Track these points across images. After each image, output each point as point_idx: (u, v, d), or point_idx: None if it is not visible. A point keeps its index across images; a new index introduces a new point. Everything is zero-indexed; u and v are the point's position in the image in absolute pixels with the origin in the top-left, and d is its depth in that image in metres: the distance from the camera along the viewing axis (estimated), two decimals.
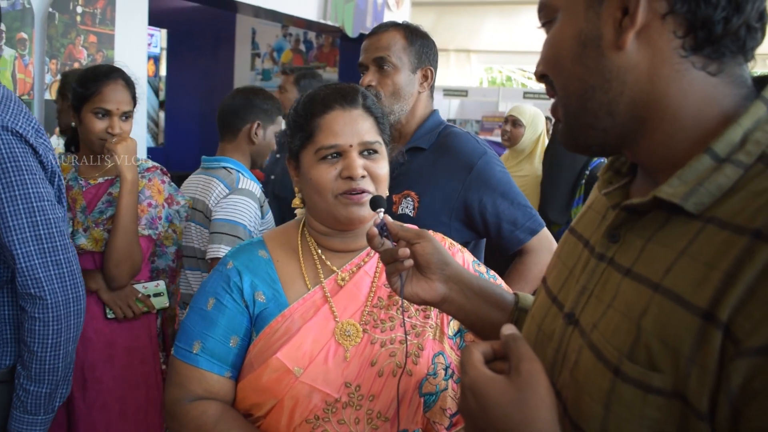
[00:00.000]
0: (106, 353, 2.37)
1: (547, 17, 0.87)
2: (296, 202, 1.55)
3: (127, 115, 2.44)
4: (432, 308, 1.45)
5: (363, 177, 1.39)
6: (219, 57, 9.06)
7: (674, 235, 0.74)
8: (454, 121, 13.04)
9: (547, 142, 5.50)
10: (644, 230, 0.79)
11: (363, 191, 1.39)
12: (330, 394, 1.35)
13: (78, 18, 3.90)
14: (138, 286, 2.45)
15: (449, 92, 13.94)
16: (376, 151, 1.43)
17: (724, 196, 0.72)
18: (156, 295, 2.50)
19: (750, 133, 0.73)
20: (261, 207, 2.66)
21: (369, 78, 2.21)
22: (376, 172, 1.41)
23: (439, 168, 2.14)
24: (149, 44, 8.47)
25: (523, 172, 5.15)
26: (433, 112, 2.36)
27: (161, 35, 9.38)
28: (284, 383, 1.35)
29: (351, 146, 1.40)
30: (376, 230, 1.20)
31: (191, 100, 8.85)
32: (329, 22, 6.85)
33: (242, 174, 2.72)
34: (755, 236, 0.66)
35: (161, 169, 2.58)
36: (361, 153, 1.41)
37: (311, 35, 8.60)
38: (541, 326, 0.93)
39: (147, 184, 2.47)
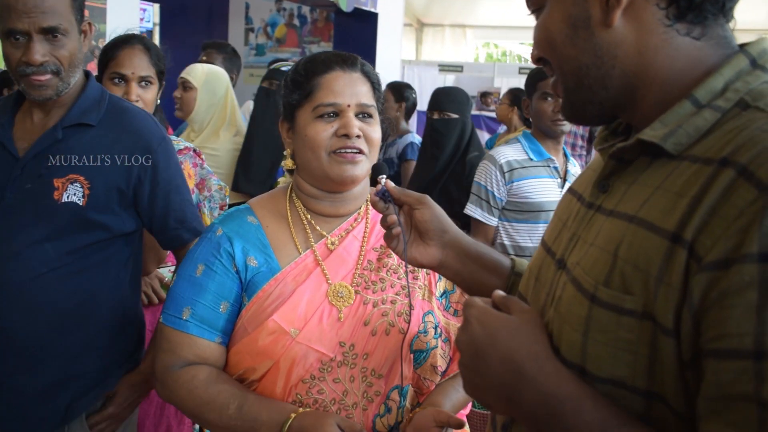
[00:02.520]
0: None
1: (536, 5, 0.93)
2: (288, 163, 1.56)
3: (148, 81, 2.34)
4: (420, 269, 1.49)
5: (358, 137, 1.42)
6: (212, 32, 8.99)
7: (654, 175, 0.80)
8: None
9: None
10: (630, 176, 0.85)
11: (358, 150, 1.42)
12: (325, 354, 1.39)
13: None
14: (163, 270, 2.39)
15: (444, 68, 13.87)
16: (371, 115, 1.47)
17: (701, 137, 0.78)
18: None
19: (731, 83, 0.79)
20: None
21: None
22: (370, 135, 1.45)
23: (113, 148, 1.81)
24: (141, 19, 8.39)
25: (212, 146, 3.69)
26: (89, 77, 1.91)
27: (154, 10, 9.29)
28: (281, 345, 1.38)
29: (349, 106, 1.43)
30: (377, 197, 1.23)
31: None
32: None
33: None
34: (720, 163, 0.72)
35: (194, 150, 2.50)
36: (357, 115, 1.44)
37: (305, 10, 8.54)
38: (537, 276, 0.99)
39: None
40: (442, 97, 3.84)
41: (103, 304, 1.82)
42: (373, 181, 1.35)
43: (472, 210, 3.01)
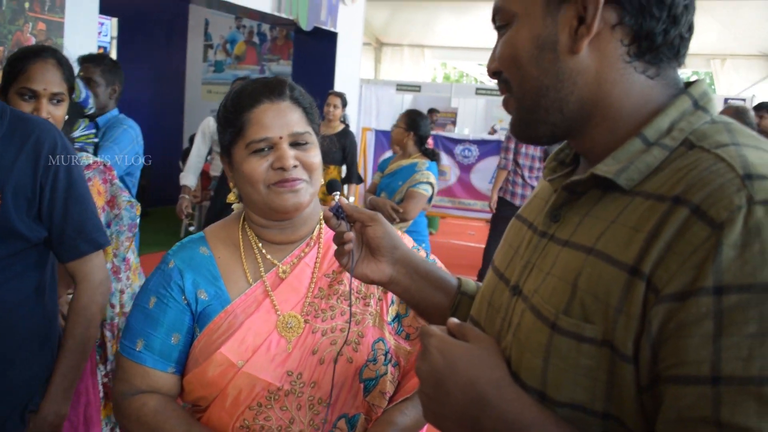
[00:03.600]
0: None
1: (503, 21, 0.94)
2: (231, 197, 1.56)
3: (59, 99, 2.15)
4: (371, 296, 1.49)
5: (295, 167, 1.41)
6: (171, 47, 8.97)
7: (608, 208, 0.84)
8: None
9: None
10: (581, 208, 0.89)
11: (296, 179, 1.41)
12: (272, 383, 1.39)
13: (26, 4, 3.84)
14: (70, 296, 2.19)
15: (402, 87, 14.00)
16: (306, 142, 1.44)
17: (651, 173, 0.82)
18: None
19: (676, 123, 0.84)
20: None
21: None
22: (308, 161, 1.43)
23: (18, 159, 1.80)
24: (99, 33, 8.32)
25: None
26: None
27: (112, 24, 9.22)
28: (228, 375, 1.40)
29: (281, 138, 1.41)
30: (330, 213, 1.22)
31: (142, 91, 8.74)
32: (284, 15, 6.84)
33: None
34: (674, 201, 0.75)
35: (104, 165, 2.33)
36: (291, 144, 1.43)
37: (265, 27, 8.57)
38: (490, 301, 1.01)
39: None
40: None
41: (24, 316, 1.78)
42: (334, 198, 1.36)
43: None
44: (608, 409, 0.78)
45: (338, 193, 1.30)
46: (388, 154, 9.78)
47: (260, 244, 1.51)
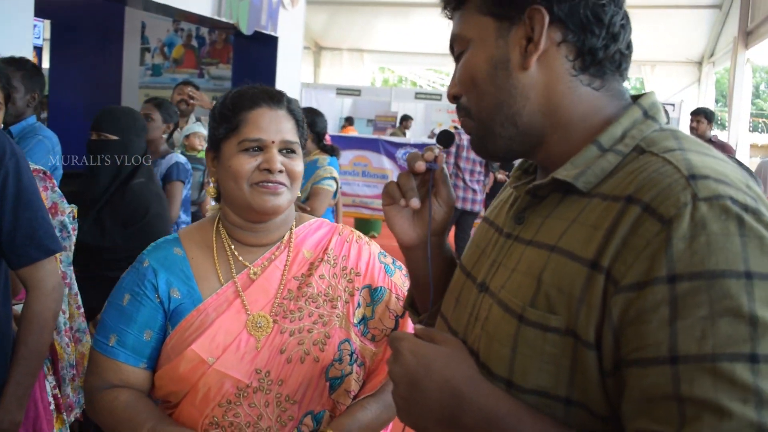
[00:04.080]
0: None
1: (460, 48, 1.03)
2: (210, 191, 1.62)
3: None
4: (338, 299, 1.55)
5: (280, 171, 1.49)
6: (106, 50, 8.77)
7: (568, 210, 0.92)
8: (350, 119, 13.15)
9: None
10: (544, 210, 0.96)
11: (279, 183, 1.49)
12: (241, 380, 1.45)
13: None
14: (18, 307, 2.15)
15: (342, 91, 14.04)
16: (294, 151, 1.53)
17: (606, 177, 0.90)
18: None
19: (628, 131, 0.93)
20: None
21: None
22: (292, 169, 1.51)
23: None
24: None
25: None
26: None
27: (44, 26, 8.99)
28: (199, 372, 1.45)
29: (273, 142, 1.49)
30: (423, 166, 1.13)
31: (76, 94, 8.51)
32: (224, 19, 6.79)
33: None
34: (627, 201, 0.84)
35: (44, 173, 2.31)
36: (280, 150, 1.50)
37: (204, 31, 8.49)
38: (458, 298, 1.07)
39: None
40: (103, 117, 3.29)
41: None
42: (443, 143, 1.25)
43: None
44: (571, 394, 0.85)
45: (439, 148, 1.17)
46: None
47: (233, 246, 1.57)
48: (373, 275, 1.60)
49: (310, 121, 4.35)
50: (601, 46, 0.94)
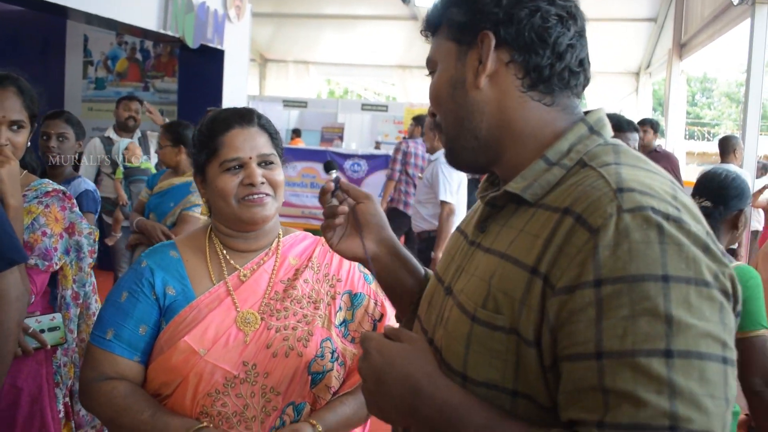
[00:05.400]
0: None
1: (431, 69, 1.13)
2: (203, 210, 1.76)
3: (19, 125, 2.21)
4: (321, 301, 1.68)
5: (262, 183, 1.62)
6: (48, 64, 8.64)
7: (519, 219, 1.01)
8: (298, 131, 13.16)
9: None
10: (501, 219, 1.06)
11: (264, 194, 1.62)
12: (229, 371, 1.56)
13: None
14: (30, 320, 2.24)
15: (289, 103, 14.03)
16: (272, 162, 1.66)
17: (552, 189, 0.99)
18: (51, 329, 2.29)
19: (574, 145, 1.01)
20: None
21: None
22: (273, 179, 1.64)
23: None
24: None
25: None
26: None
27: None
28: (190, 362, 1.55)
29: (251, 158, 1.62)
30: (332, 185, 1.32)
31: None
32: (169, 33, 6.76)
33: None
34: (564, 212, 0.92)
35: (63, 193, 2.35)
36: (259, 164, 1.63)
37: (148, 44, 8.42)
38: (430, 301, 1.17)
39: (43, 210, 2.26)
40: None
41: None
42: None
43: None
44: (517, 387, 0.94)
45: (335, 171, 1.38)
46: None
47: (225, 251, 1.70)
48: (353, 282, 1.73)
49: (179, 137, 4.03)
50: (547, 64, 1.02)
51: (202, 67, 7.84)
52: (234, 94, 8.05)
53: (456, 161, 1.14)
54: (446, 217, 5.00)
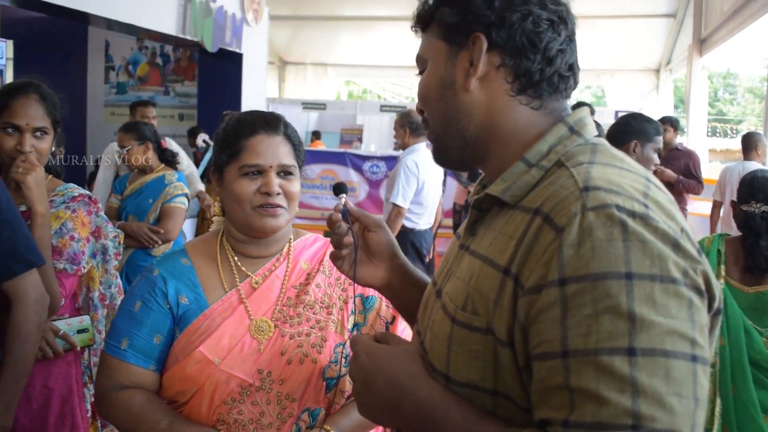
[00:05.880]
0: (21, 394, 2.11)
1: (421, 67, 1.13)
2: (216, 210, 1.75)
3: (43, 131, 2.24)
4: (333, 306, 1.68)
5: (278, 194, 1.61)
6: (70, 69, 8.76)
7: (500, 221, 1.01)
8: (317, 133, 13.22)
9: None
10: (487, 222, 1.06)
11: (278, 206, 1.61)
12: (245, 380, 1.56)
13: None
14: (60, 323, 2.31)
15: (308, 105, 14.09)
16: (291, 173, 1.65)
17: (530, 190, 0.99)
18: (80, 331, 2.36)
19: (554, 146, 1.01)
20: None
21: None
22: (290, 190, 1.63)
23: None
24: None
25: None
26: None
27: (7, 46, 8.93)
28: (206, 372, 1.55)
29: (271, 167, 1.61)
30: (339, 216, 1.32)
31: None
32: (188, 37, 6.83)
33: None
34: (535, 213, 0.92)
35: (89, 198, 2.40)
36: (278, 173, 1.62)
37: (168, 49, 8.51)
38: (425, 305, 1.17)
39: (70, 215, 2.31)
40: None
41: None
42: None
43: None
44: (496, 386, 0.94)
45: (344, 195, 1.36)
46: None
47: (236, 258, 1.70)
48: None
49: (143, 134, 4.00)
50: (537, 69, 1.02)
51: (221, 70, 7.90)
52: (253, 97, 8.11)
53: (442, 159, 1.15)
54: (393, 218, 5.14)
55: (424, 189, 5.22)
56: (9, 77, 8.99)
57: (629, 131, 3.30)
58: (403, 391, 1.00)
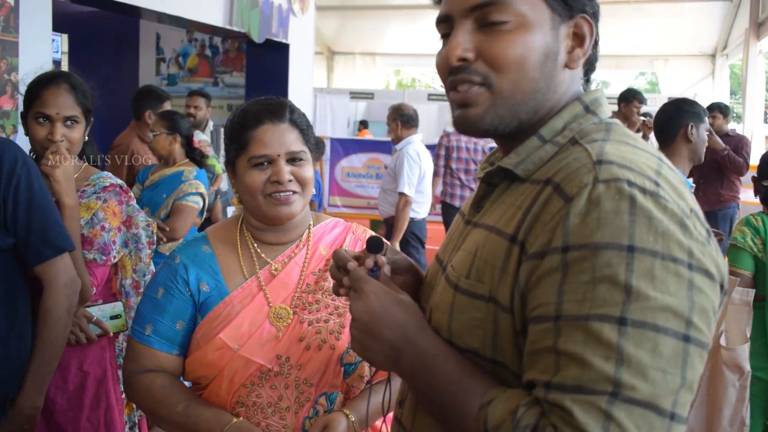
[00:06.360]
0: (58, 377, 2.26)
1: (502, 17, 0.98)
2: (234, 201, 1.79)
3: (73, 120, 2.28)
4: None
5: (290, 181, 1.63)
6: (123, 62, 8.95)
7: (511, 195, 1.02)
8: (365, 122, 13.26)
9: None
10: (496, 196, 1.07)
11: (290, 192, 1.63)
12: (264, 365, 1.60)
13: None
14: (93, 309, 2.37)
15: (356, 95, 14.14)
16: (301, 159, 1.66)
17: (543, 165, 1.00)
18: (113, 317, 2.43)
19: (569, 124, 1.02)
20: None
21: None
22: (301, 176, 1.65)
23: None
24: None
25: None
26: None
27: (62, 40, 9.16)
28: (226, 357, 1.61)
29: (279, 155, 1.63)
30: (355, 264, 1.14)
31: (95, 105, 8.69)
32: (235, 28, 6.91)
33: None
34: (545, 183, 0.94)
35: (120, 187, 2.43)
36: (287, 161, 1.64)
37: (217, 40, 8.62)
38: (429, 282, 1.19)
39: (101, 206, 2.34)
40: None
41: None
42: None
43: None
44: (495, 355, 0.97)
45: (381, 255, 1.15)
46: (344, 161, 9.92)
47: (255, 245, 1.73)
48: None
49: (174, 124, 3.92)
50: (595, 58, 1.07)
51: (268, 61, 7.98)
52: (299, 87, 8.17)
53: (476, 123, 1.03)
54: (402, 207, 5.22)
55: (425, 178, 5.39)
56: (65, 70, 9.23)
57: (683, 114, 3.31)
58: (408, 340, 1.01)
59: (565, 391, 0.82)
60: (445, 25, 1.07)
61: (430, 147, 9.14)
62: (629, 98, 6.28)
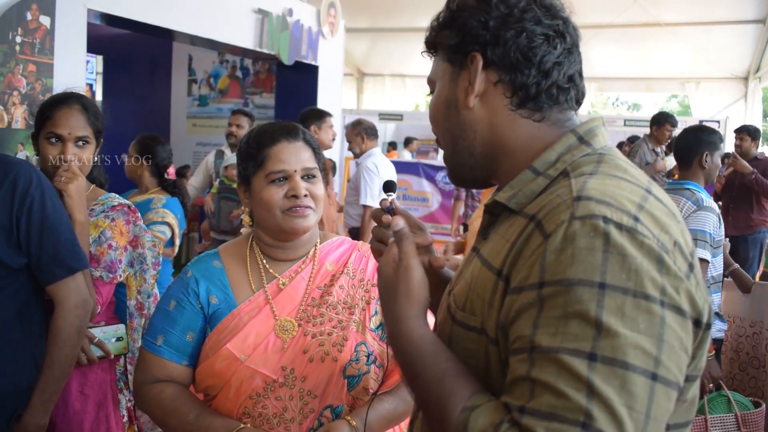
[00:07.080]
0: (59, 399, 2.20)
1: (432, 88, 1.18)
2: (246, 220, 1.85)
3: (85, 141, 2.31)
4: (356, 306, 1.74)
5: (305, 196, 1.70)
6: (155, 82, 9.12)
7: (506, 226, 1.05)
8: (394, 144, 13.30)
9: None
10: (496, 227, 1.10)
11: (306, 207, 1.70)
12: (269, 376, 1.65)
13: (17, 47, 3.99)
14: (96, 330, 2.36)
15: (385, 116, 14.19)
16: (314, 176, 1.74)
17: (535, 198, 1.02)
18: (117, 339, 2.41)
19: (562, 155, 1.04)
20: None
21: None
22: (315, 193, 1.73)
23: None
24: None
25: None
26: None
27: (97, 61, 9.38)
28: (232, 368, 1.66)
29: (295, 171, 1.71)
30: (387, 203, 1.30)
31: (127, 125, 8.85)
32: (265, 50, 7.02)
33: (702, 194, 3.36)
34: (530, 219, 0.97)
35: (128, 207, 2.46)
36: (302, 177, 1.71)
37: (248, 62, 8.75)
38: (442, 303, 1.21)
39: (109, 224, 2.37)
40: None
41: (9, 336, 1.94)
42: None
43: (702, 253, 3.27)
44: (487, 385, 0.98)
45: (393, 194, 1.36)
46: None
47: (264, 261, 1.78)
48: None
49: (146, 149, 3.84)
50: (533, 83, 1.05)
51: (297, 82, 8.08)
52: (328, 109, 8.18)
53: (457, 178, 1.18)
54: (367, 219, 5.37)
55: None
56: (99, 91, 9.43)
57: (701, 143, 3.49)
58: (414, 313, 1.04)
59: (539, 417, 0.84)
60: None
61: None
62: (661, 121, 6.23)
